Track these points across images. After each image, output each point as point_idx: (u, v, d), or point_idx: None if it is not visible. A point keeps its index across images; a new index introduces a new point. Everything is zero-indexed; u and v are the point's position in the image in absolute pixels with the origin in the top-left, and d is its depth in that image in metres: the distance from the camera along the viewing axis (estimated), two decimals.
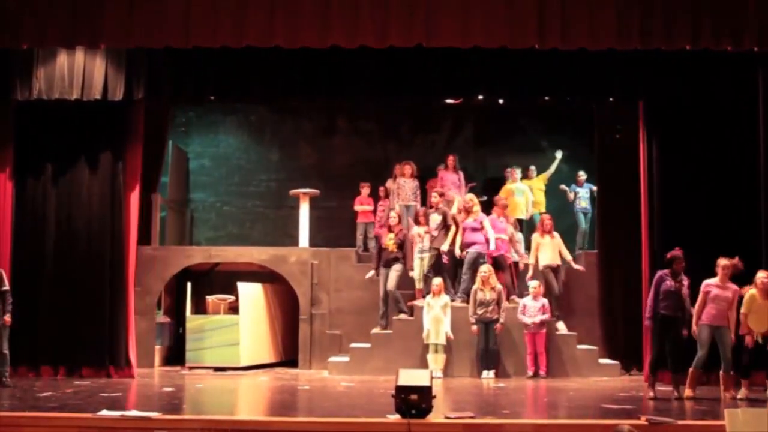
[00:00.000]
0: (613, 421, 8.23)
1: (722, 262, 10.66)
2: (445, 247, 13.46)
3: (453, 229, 13.51)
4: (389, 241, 13.39)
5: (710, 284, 10.67)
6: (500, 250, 13.52)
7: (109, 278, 12.73)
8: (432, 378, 8.63)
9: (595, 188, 15.04)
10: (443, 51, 11.45)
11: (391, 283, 13.22)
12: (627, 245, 13.30)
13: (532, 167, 15.59)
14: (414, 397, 8.32)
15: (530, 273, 13.47)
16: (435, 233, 13.53)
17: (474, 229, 13.36)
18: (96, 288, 12.67)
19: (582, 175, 15.43)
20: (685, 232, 12.00)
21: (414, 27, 10.78)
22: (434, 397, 8.44)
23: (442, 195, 13.97)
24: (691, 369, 10.70)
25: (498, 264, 13.38)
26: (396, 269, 13.25)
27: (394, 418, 8.33)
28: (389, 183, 15.16)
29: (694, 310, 10.69)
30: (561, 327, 13.32)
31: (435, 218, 13.61)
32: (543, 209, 15.16)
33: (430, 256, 13.49)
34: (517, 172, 15.28)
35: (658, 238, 12.41)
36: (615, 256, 13.68)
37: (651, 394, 10.50)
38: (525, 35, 10.80)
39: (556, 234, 13.61)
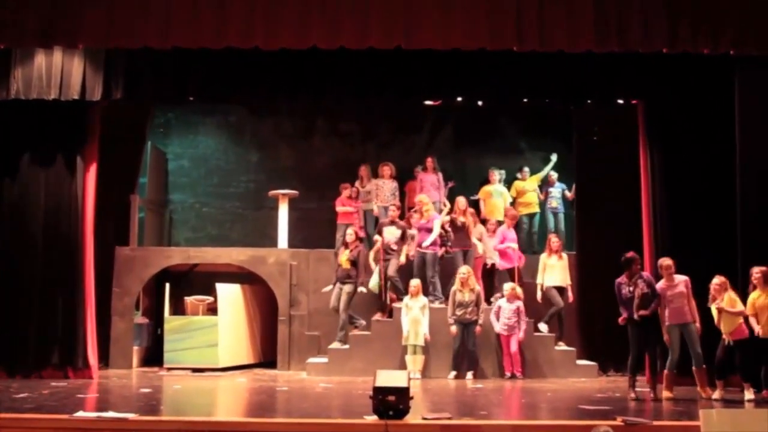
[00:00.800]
0: (590, 422, 8.28)
1: (664, 263, 10.88)
2: (402, 259, 13.51)
3: (407, 242, 13.58)
4: (343, 257, 13.36)
5: (661, 287, 10.81)
6: (512, 262, 13.61)
7: (65, 279, 12.63)
8: (410, 379, 8.65)
9: (567, 191, 15.30)
10: (423, 53, 11.45)
11: (343, 304, 13.22)
12: (605, 246, 13.33)
13: (526, 168, 15.61)
14: (391, 398, 8.35)
15: (539, 294, 13.41)
16: (394, 247, 13.52)
17: (428, 230, 13.49)
18: (48, 288, 12.57)
19: (553, 174, 15.54)
20: (687, 234, 12.07)
21: (394, 29, 10.80)
22: (412, 398, 8.46)
23: (399, 209, 13.99)
24: (665, 371, 10.83)
25: (510, 276, 13.52)
26: (347, 291, 13.22)
27: (372, 419, 8.35)
28: (359, 184, 15.09)
29: (660, 316, 10.80)
30: (543, 328, 13.38)
31: (393, 231, 13.61)
32: (537, 209, 15.28)
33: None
34: (496, 174, 15.31)
35: (662, 240, 12.50)
36: (593, 257, 13.70)
37: (632, 395, 10.57)
38: (504, 37, 10.84)
39: (564, 255, 13.57)
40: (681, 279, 10.81)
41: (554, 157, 15.78)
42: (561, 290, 13.44)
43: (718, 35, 10.83)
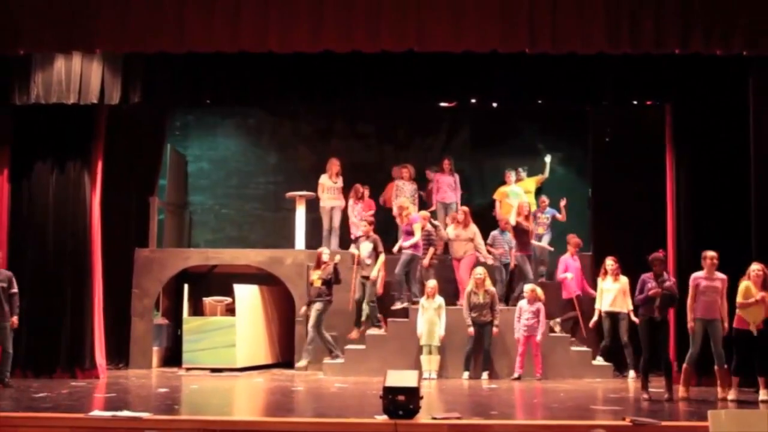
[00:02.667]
0: (598, 422, 8.33)
1: (709, 253, 10.79)
2: (374, 274, 13.45)
3: (382, 257, 13.52)
4: (315, 276, 13.35)
5: (698, 277, 10.75)
6: (570, 293, 13.59)
7: (73, 279, 12.78)
8: (420, 379, 8.71)
9: (557, 213, 15.12)
10: (436, 55, 11.53)
11: (312, 320, 13.19)
12: (620, 247, 13.37)
13: (520, 168, 15.58)
14: (401, 397, 8.41)
15: (594, 318, 13.19)
16: (368, 261, 13.50)
17: (407, 233, 13.61)
18: (57, 288, 12.73)
19: (545, 200, 15.33)
20: (712, 233, 11.98)
21: (406, 32, 10.88)
22: (422, 397, 8.53)
23: (371, 224, 13.86)
24: (684, 366, 10.81)
25: (571, 307, 13.59)
26: (317, 308, 13.19)
27: (382, 418, 8.41)
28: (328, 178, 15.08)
29: (687, 306, 10.77)
30: (558, 328, 13.43)
31: (366, 246, 13.62)
32: (533, 208, 15.05)
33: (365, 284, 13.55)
34: (512, 175, 15.35)
35: (685, 240, 12.51)
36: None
37: (645, 395, 10.55)
38: (516, 39, 10.89)
39: (623, 278, 12.86)
40: (720, 276, 10.74)
41: (548, 158, 15.81)
42: (615, 318, 12.92)
43: (730, 36, 10.81)
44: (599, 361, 13.12)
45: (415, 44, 10.91)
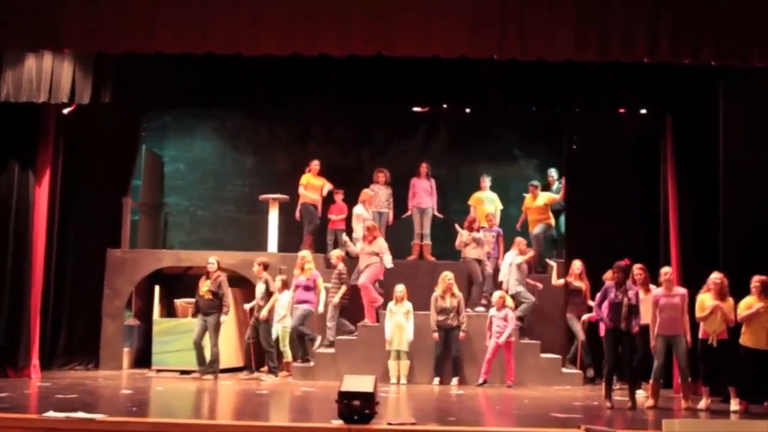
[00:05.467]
0: (554, 430, 8.33)
1: (663, 270, 11.00)
2: (264, 313, 13.23)
3: (275, 296, 13.33)
4: (204, 287, 13.12)
5: (657, 294, 10.87)
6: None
7: (13, 278, 12.74)
8: (376, 384, 8.70)
9: (501, 231, 14.79)
10: (407, 60, 11.51)
11: (213, 338, 13.04)
12: (595, 255, 13.37)
13: (536, 182, 15.26)
14: (356, 402, 8.42)
15: None
16: (261, 302, 13.29)
17: (306, 288, 13.31)
18: None
19: (492, 218, 14.93)
20: (715, 247, 12.00)
21: (374, 36, 10.85)
22: (377, 403, 8.54)
23: (263, 265, 13.55)
24: (650, 381, 10.85)
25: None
26: (212, 323, 13.01)
27: (337, 423, 8.43)
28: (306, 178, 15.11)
29: (650, 323, 10.84)
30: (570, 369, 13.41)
31: (260, 288, 13.41)
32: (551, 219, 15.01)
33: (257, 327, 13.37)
34: (487, 180, 15.35)
35: (692, 251, 12.49)
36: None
37: (608, 404, 10.57)
38: (484, 45, 10.87)
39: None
40: (679, 291, 10.83)
41: (554, 173, 15.55)
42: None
43: (699, 46, 10.81)
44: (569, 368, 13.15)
45: (383, 48, 10.89)
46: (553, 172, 15.47)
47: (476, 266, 13.75)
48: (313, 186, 15.07)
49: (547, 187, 15.35)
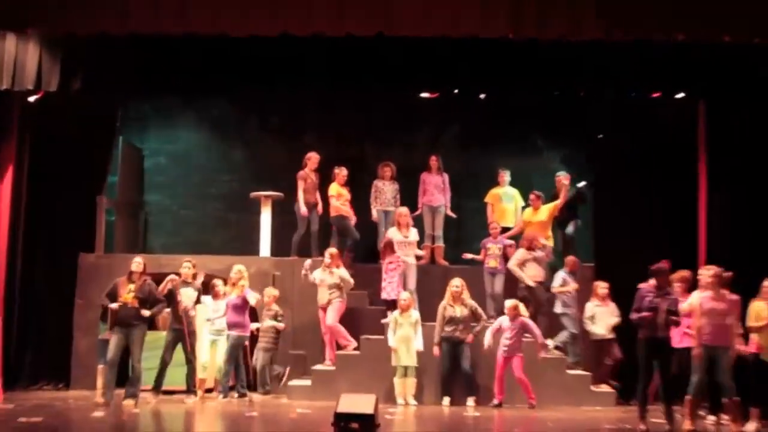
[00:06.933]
0: None
1: (706, 271, 10.70)
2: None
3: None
4: (128, 294, 12.27)
5: (703, 297, 10.56)
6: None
7: None
8: (377, 405, 8.68)
9: (510, 242, 14.42)
10: (411, 40, 11.49)
11: (136, 354, 12.29)
12: (626, 256, 13.36)
13: (539, 192, 14.91)
14: (355, 425, 8.41)
15: None
16: (193, 313, 12.97)
17: (236, 307, 13.12)
18: None
19: (496, 227, 14.54)
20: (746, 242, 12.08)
21: (373, 13, 10.87)
22: (378, 425, 8.51)
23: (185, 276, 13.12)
24: (687, 397, 10.69)
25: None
26: (138, 335, 12.26)
27: None
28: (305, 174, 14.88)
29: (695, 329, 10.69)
30: (551, 343, 13.36)
31: (189, 294, 12.98)
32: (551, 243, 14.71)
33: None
34: (506, 175, 15.26)
35: (722, 249, 12.51)
36: (613, 268, 13.70)
37: (642, 426, 10.47)
38: (497, 24, 10.84)
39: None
40: (729, 296, 10.59)
41: (564, 178, 15.08)
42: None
43: (735, 23, 10.77)
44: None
45: (384, 27, 10.87)
46: (562, 175, 14.95)
47: (540, 292, 13.59)
48: (345, 196, 14.87)
49: (556, 196, 14.91)
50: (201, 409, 12.33)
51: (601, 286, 13.48)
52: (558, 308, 13.55)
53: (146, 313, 12.32)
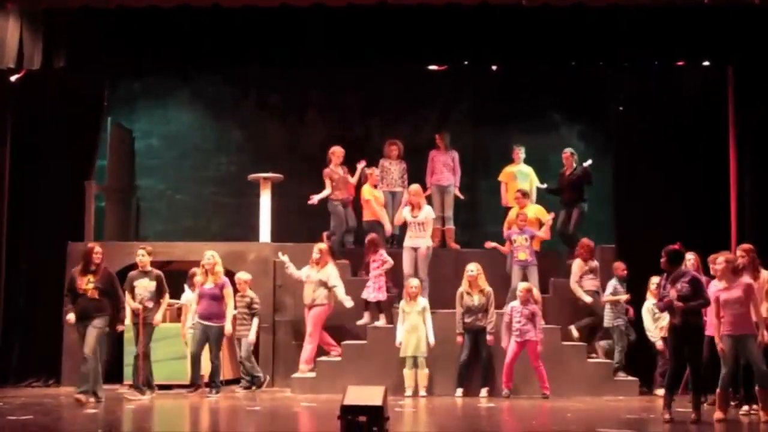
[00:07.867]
0: None
1: (716, 258, 10.85)
2: (158, 317, 12.76)
3: (166, 297, 12.93)
4: (88, 284, 12.01)
5: (717, 289, 10.70)
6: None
7: None
8: (386, 397, 8.67)
9: (539, 233, 14.20)
10: (419, 8, 11.48)
11: (89, 346, 11.89)
12: (649, 238, 13.31)
13: (525, 189, 14.74)
14: (362, 418, 8.40)
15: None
16: (149, 304, 12.71)
17: (213, 297, 13.04)
18: None
19: (525, 217, 14.15)
20: None
21: None
22: (388, 418, 8.52)
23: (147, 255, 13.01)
24: (717, 390, 10.72)
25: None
26: (96, 326, 11.94)
27: None
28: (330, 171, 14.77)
29: (714, 321, 10.75)
30: (575, 332, 13.41)
31: (146, 284, 12.73)
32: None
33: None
34: (521, 152, 15.21)
35: (756, 229, 12.60)
36: (635, 251, 13.68)
37: (666, 416, 10.49)
38: None
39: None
40: (744, 281, 10.65)
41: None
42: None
43: None
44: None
45: None
46: (568, 152, 14.93)
47: (597, 305, 13.51)
48: (379, 200, 14.83)
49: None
50: (199, 405, 12.35)
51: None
52: (607, 320, 13.41)
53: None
